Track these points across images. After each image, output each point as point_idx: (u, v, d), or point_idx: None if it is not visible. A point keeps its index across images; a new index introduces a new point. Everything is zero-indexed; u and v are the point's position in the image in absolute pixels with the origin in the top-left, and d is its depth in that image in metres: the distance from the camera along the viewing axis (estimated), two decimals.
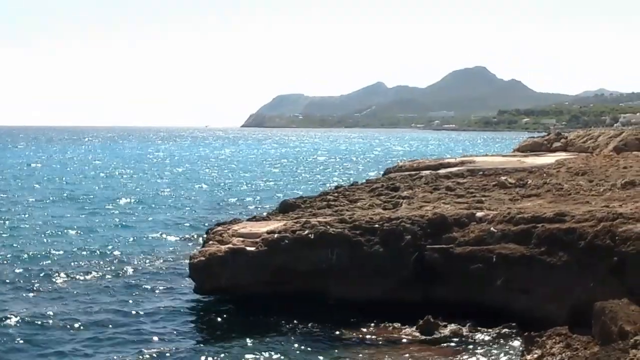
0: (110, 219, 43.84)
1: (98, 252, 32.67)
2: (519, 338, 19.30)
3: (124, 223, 42.27)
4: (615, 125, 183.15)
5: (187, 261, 25.51)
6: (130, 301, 24.43)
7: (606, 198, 25.48)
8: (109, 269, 29.25)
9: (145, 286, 26.49)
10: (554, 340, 17.77)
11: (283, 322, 21.44)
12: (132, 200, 54.28)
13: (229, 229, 26.10)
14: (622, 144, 53.24)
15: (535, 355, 17.33)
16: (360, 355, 18.87)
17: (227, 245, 24.23)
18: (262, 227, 25.73)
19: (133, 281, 27.23)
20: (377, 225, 23.71)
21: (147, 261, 30.85)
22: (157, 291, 25.84)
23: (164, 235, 37.71)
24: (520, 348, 18.47)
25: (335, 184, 51.82)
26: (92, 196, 57.14)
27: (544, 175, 35.34)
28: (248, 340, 20.05)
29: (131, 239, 36.40)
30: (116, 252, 32.70)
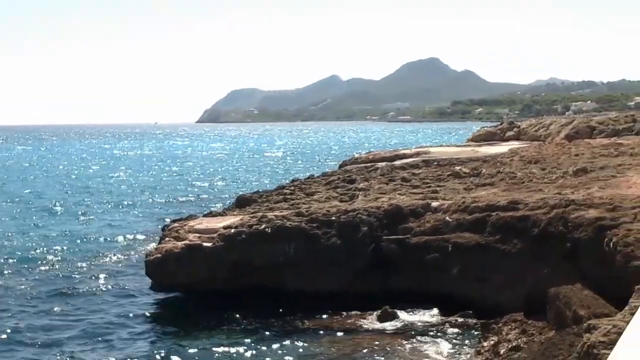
0: (64, 218, 43.30)
1: (52, 251, 32.26)
2: (475, 325, 19.51)
3: (77, 221, 41.78)
4: (566, 113, 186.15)
5: (144, 258, 25.28)
6: (85, 299, 24.16)
7: (558, 185, 25.86)
8: (64, 267, 28.90)
9: (101, 284, 26.23)
10: (509, 326, 18.01)
11: (241, 316, 21.38)
12: (86, 199, 53.66)
13: (185, 225, 25.92)
14: (573, 131, 54.09)
15: (492, 342, 17.53)
16: (319, 345, 18.90)
17: (183, 242, 24.07)
18: (218, 223, 25.61)
19: (88, 279, 26.94)
20: (333, 218, 23.77)
21: (102, 259, 30.54)
22: (113, 289, 25.57)
23: (119, 233, 37.31)
24: (477, 335, 18.67)
25: (292, 177, 51.73)
26: (45, 196, 56.35)
27: (498, 164, 35.72)
28: (206, 336, 19.96)
29: (85, 238, 35.99)
30: (70, 251, 32.31)
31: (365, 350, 18.43)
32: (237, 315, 21.46)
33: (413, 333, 19.56)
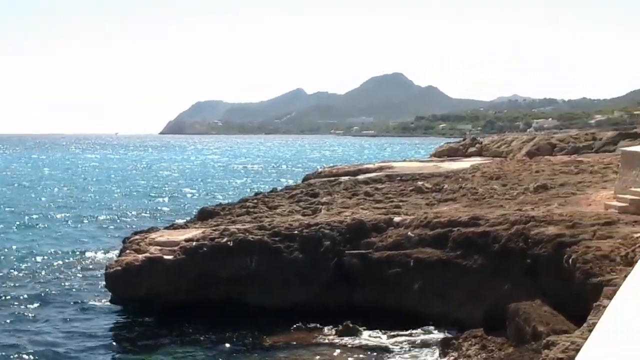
0: (25, 230, 42.65)
1: (7, 266, 31.59)
2: (436, 341, 19.56)
3: (37, 234, 41.18)
4: (528, 130, 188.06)
5: (104, 271, 24.96)
6: (42, 315, 23.71)
7: (519, 202, 26.09)
8: (23, 280, 28.41)
9: (59, 298, 25.80)
10: (469, 342, 18.07)
11: (202, 329, 21.25)
12: (45, 211, 52.88)
13: (146, 238, 25.70)
14: (534, 148, 54.69)
15: (452, 358, 17.59)
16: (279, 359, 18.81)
17: (144, 254, 23.85)
18: (180, 235, 25.43)
19: (45, 294, 26.42)
20: (296, 232, 23.74)
21: (61, 272, 30.07)
22: (71, 303, 25.19)
23: (78, 246, 36.86)
24: (437, 351, 18.71)
25: (255, 190, 51.55)
26: (7, 206, 55.47)
27: (460, 179, 35.94)
28: (166, 349, 19.80)
29: (46, 250, 35.41)
30: (30, 263, 31.83)
31: None
32: (197, 329, 21.31)
33: (373, 348, 19.56)
